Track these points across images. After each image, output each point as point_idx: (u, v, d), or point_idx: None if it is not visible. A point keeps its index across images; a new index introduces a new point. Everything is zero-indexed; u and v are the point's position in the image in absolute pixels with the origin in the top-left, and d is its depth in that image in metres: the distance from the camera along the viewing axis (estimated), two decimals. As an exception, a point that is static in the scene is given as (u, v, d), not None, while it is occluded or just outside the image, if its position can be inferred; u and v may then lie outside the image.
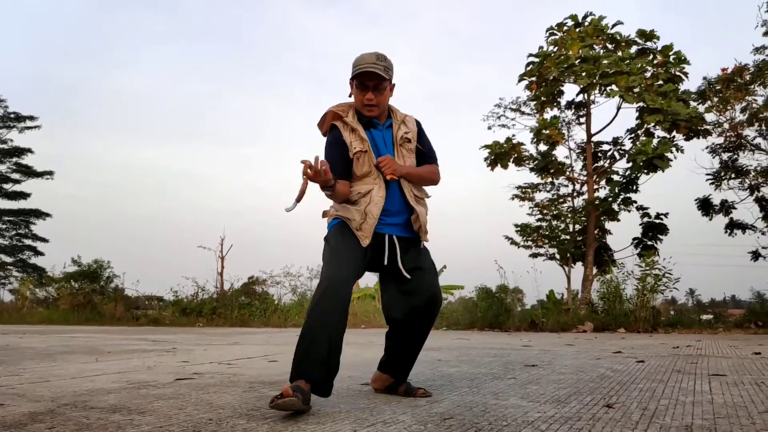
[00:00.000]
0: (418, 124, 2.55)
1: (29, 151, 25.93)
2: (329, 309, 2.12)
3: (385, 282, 2.45)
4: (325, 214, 2.50)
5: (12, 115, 25.76)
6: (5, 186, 26.03)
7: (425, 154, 2.52)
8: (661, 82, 13.70)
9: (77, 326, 12.05)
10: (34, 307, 16.10)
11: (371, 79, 2.31)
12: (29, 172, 25.92)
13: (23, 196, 26.02)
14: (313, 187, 2.21)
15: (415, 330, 2.38)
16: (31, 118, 25.96)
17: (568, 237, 14.93)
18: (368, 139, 2.36)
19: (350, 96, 2.45)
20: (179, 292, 14.94)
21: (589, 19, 14.56)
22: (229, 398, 2.27)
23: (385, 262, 2.33)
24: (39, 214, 26.43)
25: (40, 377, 2.98)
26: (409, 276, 2.33)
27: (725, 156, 13.38)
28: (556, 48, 14.61)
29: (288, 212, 2.15)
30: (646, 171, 13.65)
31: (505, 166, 14.92)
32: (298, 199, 2.14)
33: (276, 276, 15.12)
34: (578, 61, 13.93)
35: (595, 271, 14.18)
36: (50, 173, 26.16)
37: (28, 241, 26.64)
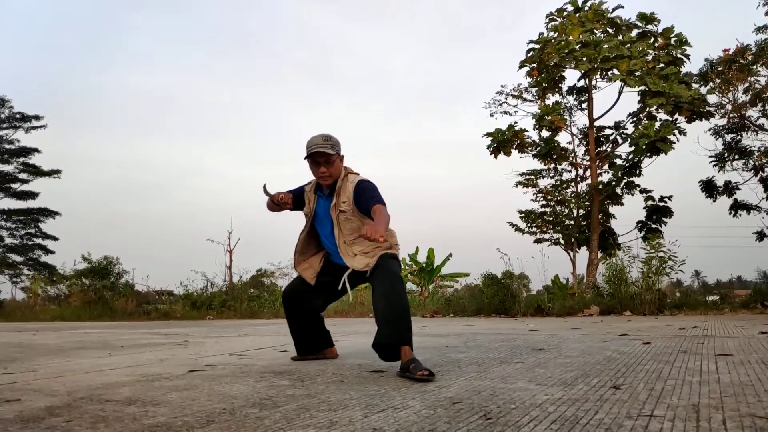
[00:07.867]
0: (357, 185, 2.91)
1: (36, 150, 26.00)
2: (287, 314, 3.26)
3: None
4: None
5: (18, 116, 25.81)
6: (13, 186, 26.13)
7: (363, 205, 2.85)
8: (662, 65, 13.61)
9: (89, 322, 12.15)
10: (46, 305, 16.25)
11: (321, 156, 2.85)
12: (37, 172, 25.97)
13: (31, 195, 26.12)
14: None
15: (380, 293, 2.76)
16: (37, 117, 26.01)
17: (572, 222, 14.92)
18: (314, 208, 3.05)
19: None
20: (189, 286, 15.08)
21: (589, 4, 14.46)
22: (242, 388, 2.31)
23: (343, 284, 3.08)
24: (48, 212, 26.54)
25: (54, 372, 3.03)
26: (350, 294, 3.16)
27: (728, 137, 13.33)
28: (557, 34, 14.52)
29: (263, 188, 3.09)
30: (649, 154, 13.60)
31: (508, 153, 14.90)
32: (270, 196, 3.08)
33: (284, 268, 15.22)
34: (579, 46, 13.85)
35: (599, 255, 14.19)
36: (58, 172, 26.23)
37: (38, 240, 26.78)
